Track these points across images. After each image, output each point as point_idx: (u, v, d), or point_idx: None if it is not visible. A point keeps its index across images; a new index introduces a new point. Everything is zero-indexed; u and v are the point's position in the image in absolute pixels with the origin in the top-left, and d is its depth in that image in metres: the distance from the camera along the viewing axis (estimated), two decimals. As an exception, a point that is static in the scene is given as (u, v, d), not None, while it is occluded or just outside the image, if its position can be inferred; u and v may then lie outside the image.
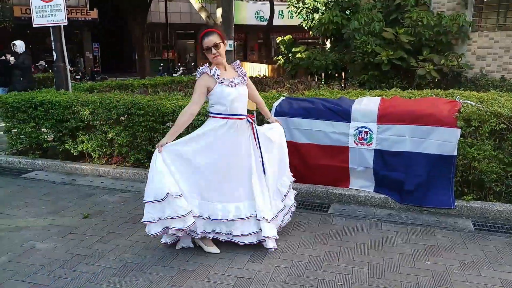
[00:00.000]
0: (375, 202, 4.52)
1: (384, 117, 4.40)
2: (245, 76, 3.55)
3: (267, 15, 22.69)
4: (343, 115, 4.55)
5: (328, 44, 12.74)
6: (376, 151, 4.47)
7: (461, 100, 4.45)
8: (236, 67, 3.54)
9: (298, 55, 11.71)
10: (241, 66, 3.60)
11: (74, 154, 5.89)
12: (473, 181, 4.33)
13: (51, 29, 7.01)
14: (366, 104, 4.61)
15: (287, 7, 14.05)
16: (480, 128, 4.16)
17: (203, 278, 3.13)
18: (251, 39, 30.71)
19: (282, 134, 3.89)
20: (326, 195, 4.66)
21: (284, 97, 5.06)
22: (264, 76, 13.21)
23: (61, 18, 6.88)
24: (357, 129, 4.51)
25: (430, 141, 4.23)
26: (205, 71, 3.39)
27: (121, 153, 5.67)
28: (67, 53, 7.28)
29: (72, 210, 4.47)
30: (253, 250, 3.51)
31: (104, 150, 5.75)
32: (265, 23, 23.46)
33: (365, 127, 4.48)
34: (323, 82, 10.56)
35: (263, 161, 3.52)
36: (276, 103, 4.85)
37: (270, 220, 3.47)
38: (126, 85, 8.69)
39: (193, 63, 27.75)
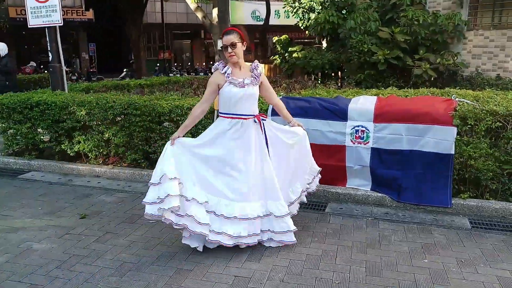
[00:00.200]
0: (372, 201, 4.53)
1: (381, 116, 4.42)
2: (258, 78, 3.49)
3: (263, 15, 22.67)
4: (340, 114, 4.56)
5: (324, 43, 12.75)
6: (373, 149, 4.48)
7: (457, 99, 4.47)
8: (252, 68, 3.51)
9: (295, 55, 11.72)
10: (258, 66, 3.54)
11: (71, 154, 5.88)
12: (469, 179, 4.35)
13: (46, 29, 6.99)
14: (363, 103, 4.62)
15: (283, 7, 14.04)
16: (476, 126, 4.18)
17: (201, 278, 3.13)
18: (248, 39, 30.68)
19: (301, 139, 3.74)
20: (323, 194, 4.67)
21: (280, 97, 5.05)
22: (260, 75, 13.20)
23: (56, 19, 6.87)
24: (353, 128, 4.52)
25: (427, 140, 4.25)
26: (218, 68, 3.42)
27: (117, 153, 5.66)
28: (63, 53, 7.26)
29: (69, 211, 4.46)
30: (250, 250, 3.51)
31: (101, 150, 5.74)
32: (261, 23, 23.44)
33: (362, 126, 4.50)
34: (319, 82, 10.57)
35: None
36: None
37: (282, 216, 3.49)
38: (122, 86, 8.68)
39: (189, 63, 27.73)
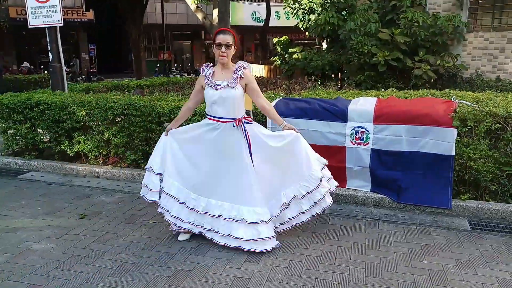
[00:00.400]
0: (371, 202, 4.53)
1: (380, 117, 4.42)
2: (236, 80, 3.41)
3: (263, 16, 22.70)
4: (340, 115, 4.56)
5: (324, 44, 12.76)
6: (373, 150, 4.49)
7: (456, 100, 4.47)
8: (235, 69, 3.45)
9: (295, 56, 11.73)
10: (241, 68, 3.45)
11: (70, 154, 5.88)
12: (469, 181, 4.35)
13: (47, 30, 7.00)
14: (362, 104, 4.62)
15: (284, 8, 14.05)
16: (476, 128, 4.18)
17: (200, 278, 3.13)
18: (248, 40, 30.74)
19: (293, 141, 3.55)
20: (323, 195, 4.66)
21: (280, 98, 5.08)
22: (260, 76, 13.24)
23: (57, 19, 6.88)
24: (353, 129, 4.52)
25: (427, 141, 4.26)
26: (202, 69, 3.55)
27: (117, 154, 5.66)
28: (63, 54, 7.27)
29: (69, 211, 4.46)
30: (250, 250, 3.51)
31: (101, 150, 5.73)
32: (261, 24, 23.49)
33: (362, 127, 4.50)
34: (319, 83, 10.57)
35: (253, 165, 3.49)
36: (272, 104, 4.85)
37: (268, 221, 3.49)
38: (122, 86, 8.68)
39: (189, 64, 27.73)
